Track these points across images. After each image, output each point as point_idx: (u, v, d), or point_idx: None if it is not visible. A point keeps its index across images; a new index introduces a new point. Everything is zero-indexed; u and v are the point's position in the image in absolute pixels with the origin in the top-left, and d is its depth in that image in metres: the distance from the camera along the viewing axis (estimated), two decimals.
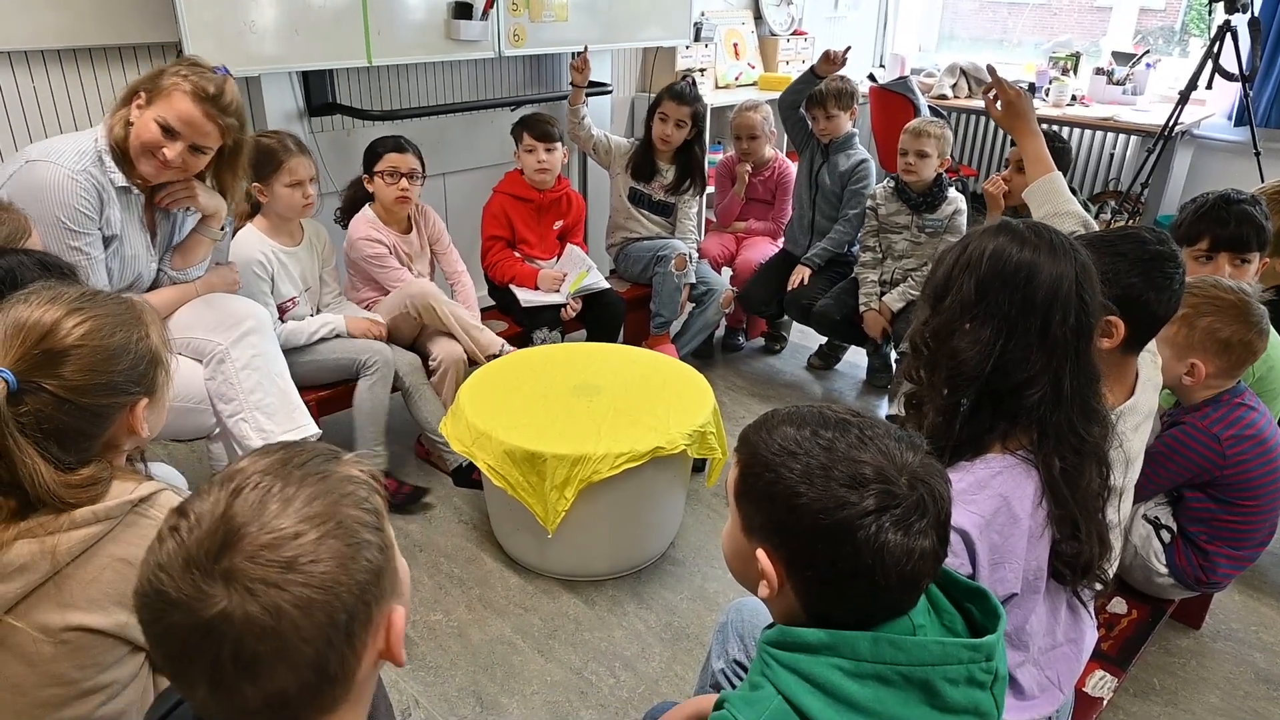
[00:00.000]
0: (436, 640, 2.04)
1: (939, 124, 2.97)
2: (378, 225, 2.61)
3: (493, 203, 3.00)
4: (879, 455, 0.86)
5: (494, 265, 2.98)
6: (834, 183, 3.24)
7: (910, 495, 0.85)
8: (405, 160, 2.55)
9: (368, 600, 0.71)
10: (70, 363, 1.06)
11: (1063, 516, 1.20)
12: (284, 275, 2.41)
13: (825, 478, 0.85)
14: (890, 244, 3.10)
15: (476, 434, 2.12)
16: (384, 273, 2.63)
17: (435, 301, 2.55)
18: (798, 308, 3.18)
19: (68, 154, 1.82)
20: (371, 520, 0.73)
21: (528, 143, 2.90)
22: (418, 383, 2.53)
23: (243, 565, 0.67)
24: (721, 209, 3.60)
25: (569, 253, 3.09)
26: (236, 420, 1.99)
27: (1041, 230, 1.21)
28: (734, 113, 3.40)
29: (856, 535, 0.83)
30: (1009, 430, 1.21)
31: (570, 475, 2.02)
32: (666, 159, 3.27)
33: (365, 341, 2.46)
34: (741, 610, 1.43)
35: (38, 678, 1.05)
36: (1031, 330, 1.17)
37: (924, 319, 1.26)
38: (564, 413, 2.19)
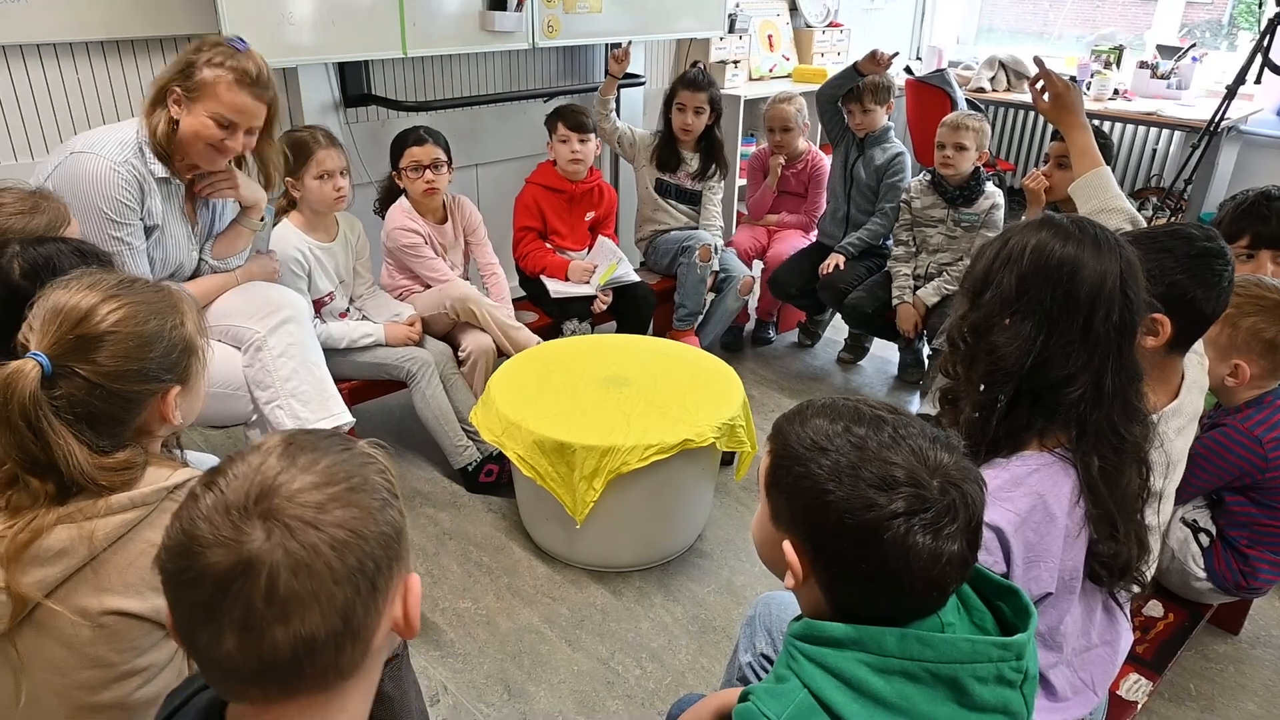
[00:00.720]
0: (465, 628, 2.05)
1: (977, 117, 2.93)
2: (413, 215, 2.63)
3: (525, 193, 3.00)
4: (911, 456, 0.84)
5: (525, 256, 2.99)
6: (869, 176, 3.21)
7: (941, 499, 0.83)
8: (426, 152, 2.55)
9: (391, 556, 0.72)
10: (104, 349, 1.07)
11: (1100, 516, 1.18)
12: (320, 270, 2.43)
13: (854, 477, 0.83)
14: (925, 238, 3.06)
15: (507, 424, 2.12)
16: (419, 262, 2.64)
17: (476, 305, 2.57)
18: (832, 291, 3.15)
19: (110, 145, 1.84)
20: (391, 486, 0.76)
21: (562, 133, 2.90)
22: (448, 373, 2.55)
23: (281, 505, 0.69)
24: (753, 202, 3.57)
25: (600, 244, 3.09)
26: (272, 407, 2.01)
27: (1086, 225, 1.19)
28: (768, 105, 3.38)
29: (883, 537, 0.82)
30: (1047, 427, 1.19)
31: (599, 466, 2.02)
32: (690, 147, 3.26)
33: (404, 349, 2.49)
34: (770, 604, 1.42)
35: (77, 660, 1.07)
36: (1073, 327, 1.15)
37: (962, 313, 1.24)
38: (593, 404, 2.19)
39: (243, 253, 2.13)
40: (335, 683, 0.71)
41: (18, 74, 2.39)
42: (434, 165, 2.56)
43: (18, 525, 1.03)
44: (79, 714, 1.09)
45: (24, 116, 2.44)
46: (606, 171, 3.70)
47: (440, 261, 2.67)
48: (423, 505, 2.50)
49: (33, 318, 1.08)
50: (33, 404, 1.01)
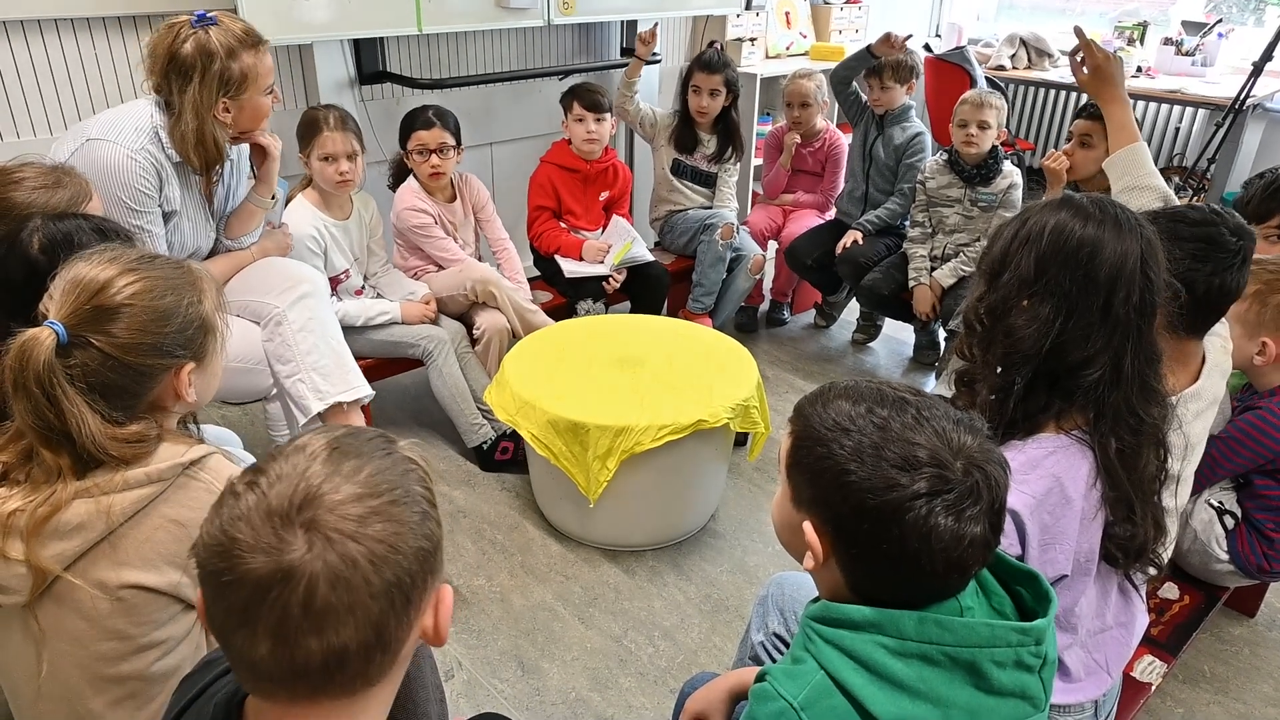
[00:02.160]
0: (479, 605, 2.07)
1: (996, 95, 2.88)
2: (422, 195, 2.63)
3: (539, 173, 2.99)
4: (934, 437, 0.84)
5: (540, 235, 2.98)
6: (888, 155, 3.18)
7: (964, 480, 0.83)
8: (434, 136, 2.54)
9: (427, 570, 0.73)
10: (120, 320, 1.08)
11: (1117, 498, 1.17)
12: (335, 248, 2.43)
13: (876, 457, 0.83)
14: (941, 218, 3.03)
15: (521, 403, 2.13)
16: (429, 242, 2.64)
17: (496, 288, 2.58)
18: (851, 265, 3.12)
19: (126, 131, 1.84)
20: (430, 497, 0.76)
21: (577, 112, 2.88)
22: (461, 352, 2.56)
23: (324, 516, 0.69)
24: (768, 181, 3.54)
25: (614, 224, 3.08)
26: (294, 381, 2.02)
27: (1106, 205, 1.17)
28: (787, 80, 3.34)
29: (904, 518, 0.81)
30: (1064, 409, 1.18)
31: (613, 446, 2.02)
32: (707, 129, 3.23)
33: (420, 327, 2.50)
34: (782, 584, 1.43)
35: (97, 632, 1.08)
36: (1093, 309, 1.13)
37: (979, 294, 1.23)
38: (607, 384, 2.19)
39: (255, 231, 2.13)
40: (361, 689, 0.72)
41: (35, 49, 2.39)
42: (440, 150, 2.55)
43: (37, 499, 1.04)
44: (99, 684, 1.11)
45: (41, 92, 2.44)
46: (621, 150, 3.68)
47: (450, 241, 2.67)
48: (437, 483, 2.47)
49: (54, 288, 1.09)
50: (47, 371, 1.02)
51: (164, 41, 1.84)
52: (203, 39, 1.83)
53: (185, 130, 1.85)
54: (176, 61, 1.83)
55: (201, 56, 1.82)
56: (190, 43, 1.82)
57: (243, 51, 1.86)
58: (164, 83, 1.86)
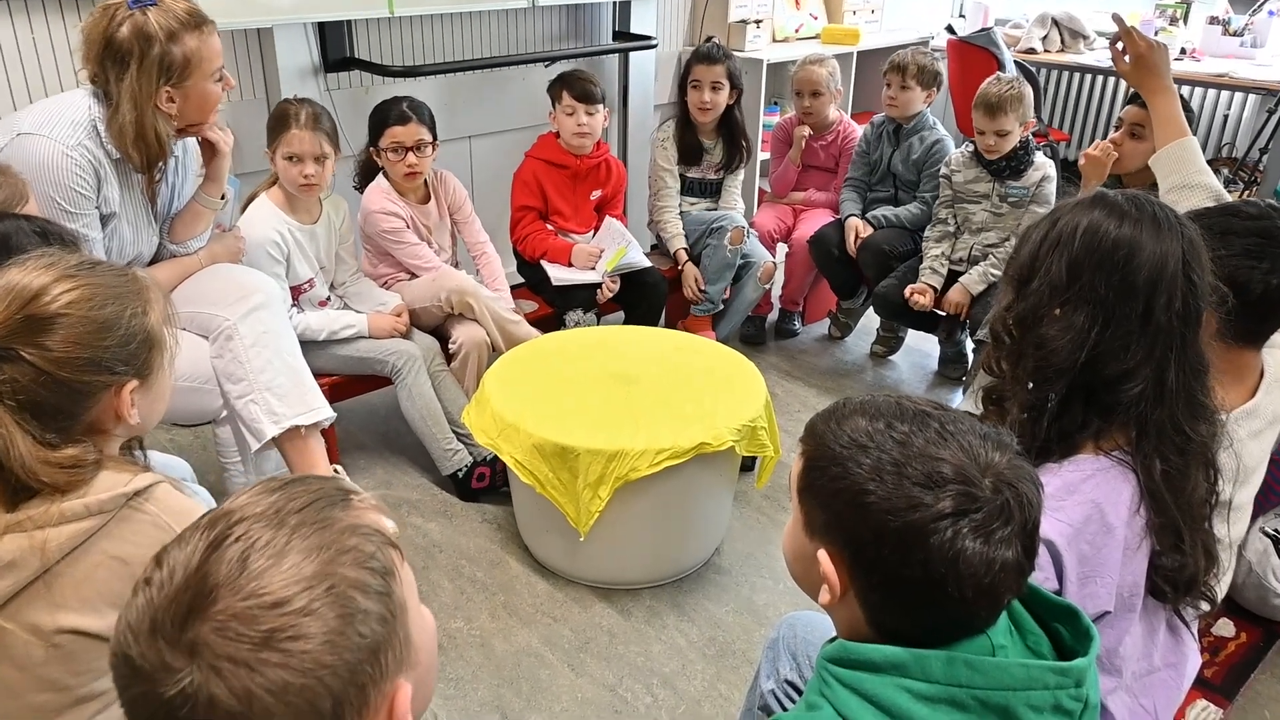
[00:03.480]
0: (457, 650, 2.06)
1: (1014, 83, 2.90)
2: (392, 196, 2.63)
3: (524, 169, 3.01)
4: (960, 453, 0.85)
5: (524, 239, 2.99)
6: (908, 169, 3.23)
7: (994, 499, 0.83)
8: (410, 132, 2.55)
9: (361, 683, 0.67)
10: (54, 332, 1.08)
11: (1163, 525, 1.17)
12: (300, 255, 2.44)
13: (898, 475, 0.84)
14: (967, 215, 3.05)
15: (503, 425, 2.13)
16: (401, 248, 2.65)
17: (475, 298, 2.58)
18: (873, 252, 3.14)
19: (61, 125, 1.84)
20: (376, 584, 0.70)
21: (567, 103, 2.89)
22: (436, 369, 2.56)
23: (210, 638, 0.64)
24: (776, 177, 3.56)
25: (607, 226, 3.09)
26: (245, 402, 2.02)
27: (1143, 202, 1.18)
28: (796, 66, 3.37)
29: (929, 540, 0.82)
30: (1103, 428, 1.18)
31: (605, 472, 2.02)
32: (709, 133, 3.26)
33: (389, 341, 2.50)
34: (795, 625, 1.42)
35: (30, 682, 1.08)
36: (1132, 316, 1.14)
37: (1006, 303, 1.24)
38: (599, 403, 2.19)
39: (204, 234, 2.13)
40: None
41: None
42: (417, 147, 2.56)
43: None
44: None
45: None
46: (615, 145, 3.70)
47: (425, 248, 2.68)
48: (410, 514, 2.51)
49: None
50: None
51: (98, 25, 1.84)
52: (140, 21, 1.83)
53: (123, 123, 1.86)
54: (112, 47, 1.83)
55: (139, 41, 1.83)
56: (126, 26, 1.83)
57: (185, 34, 1.86)
58: (100, 71, 1.86)
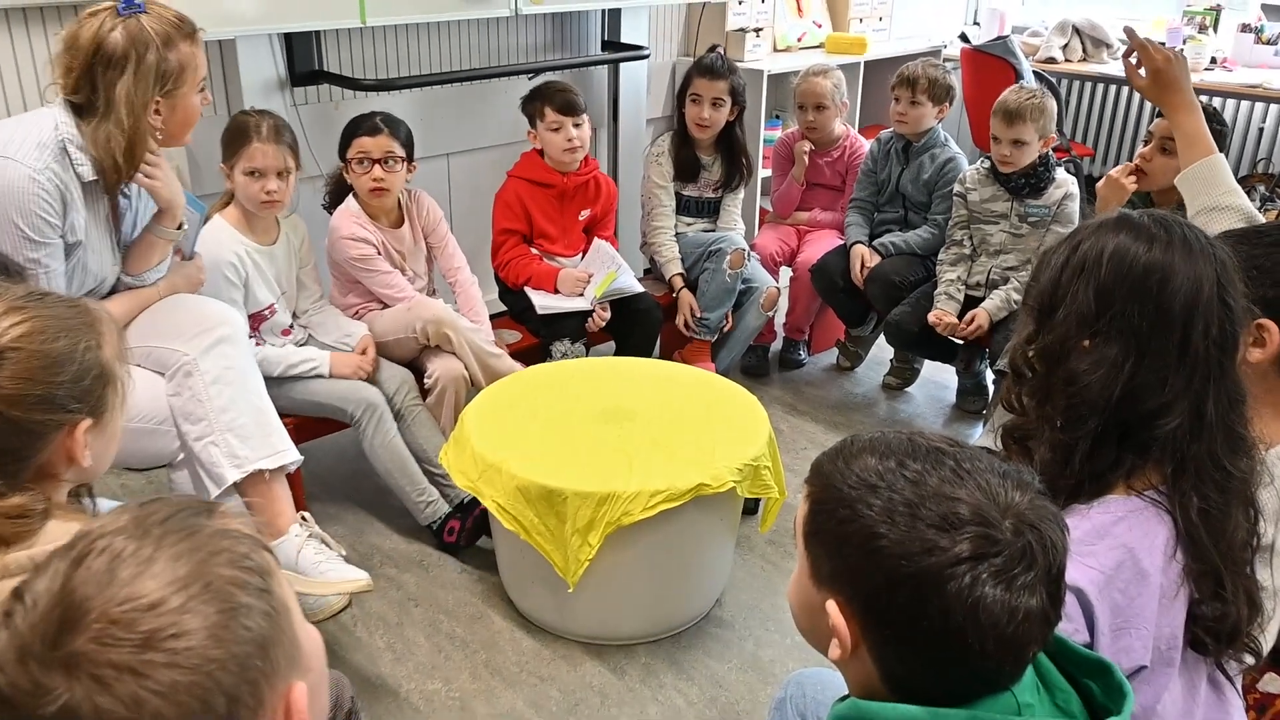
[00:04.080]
0: (435, 714, 2.04)
1: (1036, 94, 2.94)
2: (362, 220, 2.64)
3: (506, 190, 3.02)
4: (978, 492, 0.86)
5: (506, 264, 3.00)
6: (918, 190, 3.26)
7: (1015, 542, 0.84)
8: (378, 144, 2.57)
9: (253, 678, 0.70)
10: (3, 368, 1.08)
11: (1203, 571, 1.18)
12: (259, 279, 2.45)
13: (911, 516, 0.85)
14: (985, 237, 3.07)
15: (483, 467, 2.13)
16: (372, 277, 2.65)
17: (452, 329, 2.59)
18: (882, 284, 3.16)
19: (27, 147, 1.85)
20: (254, 581, 0.73)
21: (551, 119, 2.90)
22: (409, 405, 2.55)
23: (88, 649, 0.66)
24: (778, 196, 3.59)
25: (595, 249, 3.11)
26: (205, 444, 2.02)
27: (1170, 224, 1.20)
28: (799, 78, 3.41)
29: (946, 587, 0.82)
30: (1136, 466, 1.19)
31: (596, 517, 2.02)
32: (708, 149, 3.29)
33: (350, 385, 2.47)
34: (803, 684, 1.42)
35: None
36: (1168, 347, 1.16)
37: (1027, 335, 1.25)
38: (589, 442, 2.20)
39: (160, 265, 2.14)
40: None
41: None
42: (385, 160, 2.58)
43: None
44: None
45: None
46: (604, 162, 3.73)
47: (398, 276, 2.68)
48: (383, 565, 2.49)
49: None
50: None
51: (87, 30, 1.88)
52: (134, 26, 1.88)
53: (112, 132, 1.88)
54: (104, 52, 1.86)
55: (135, 45, 1.87)
56: (120, 30, 1.87)
57: (179, 40, 1.91)
58: (84, 79, 1.89)
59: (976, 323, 2.97)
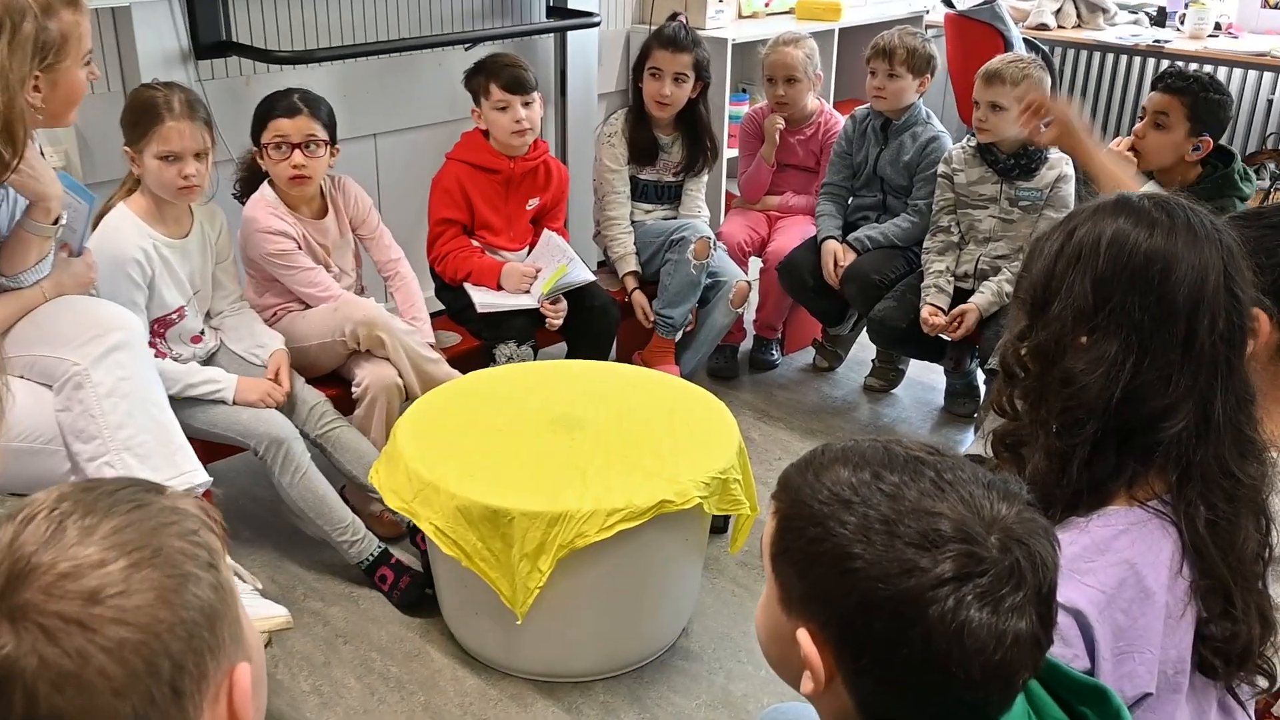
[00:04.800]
0: None
1: (1025, 63, 2.97)
2: (280, 211, 2.61)
3: (444, 175, 3.01)
4: (961, 506, 0.86)
5: (444, 257, 2.99)
6: (898, 173, 3.28)
7: (1002, 560, 0.85)
8: (297, 126, 2.54)
9: (198, 648, 0.74)
10: None
11: (1211, 587, 1.19)
12: (168, 277, 2.41)
13: (888, 534, 0.85)
14: (973, 223, 3.10)
15: (419, 485, 2.11)
16: (292, 274, 2.62)
17: (387, 332, 2.56)
18: (860, 283, 3.18)
19: None
20: (203, 556, 0.77)
21: (497, 97, 2.89)
22: (327, 431, 2.52)
23: (36, 599, 0.70)
24: (746, 178, 3.60)
25: (544, 241, 3.10)
26: (99, 465, 1.99)
27: (1172, 206, 1.22)
28: (767, 48, 3.43)
29: (927, 611, 0.83)
30: (1138, 473, 1.20)
31: (546, 540, 2.01)
32: (667, 129, 3.30)
33: (255, 415, 2.41)
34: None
35: None
36: (1172, 342, 1.17)
37: (1018, 330, 1.26)
38: (537, 456, 2.19)
39: (40, 265, 2.09)
40: None
41: None
42: (306, 145, 2.55)
43: None
44: None
45: None
46: (553, 142, 3.72)
47: (322, 272, 2.66)
48: (307, 598, 2.47)
49: None
50: None
51: None
52: None
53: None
54: None
55: (10, 13, 1.82)
56: None
57: (61, 8, 1.88)
58: None
59: (965, 323, 2.99)
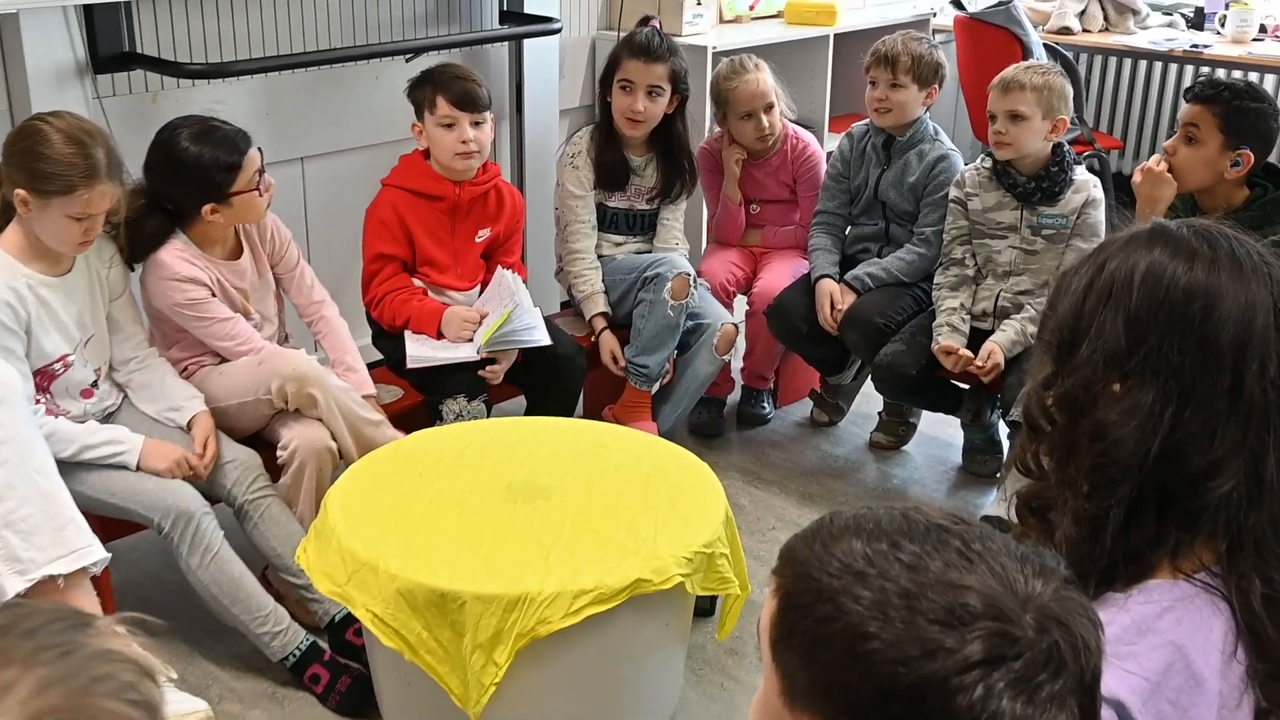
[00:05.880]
0: None
1: (1042, 69, 3.02)
2: (189, 254, 2.60)
3: (380, 204, 3.01)
4: (991, 579, 0.87)
5: (381, 300, 2.98)
6: (902, 197, 3.30)
7: (1038, 641, 0.85)
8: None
9: None
10: None
11: (1270, 673, 1.20)
12: (47, 321, 2.40)
13: (909, 610, 0.85)
14: (990, 255, 3.13)
15: (355, 566, 2.10)
16: (205, 326, 2.61)
17: (320, 388, 2.56)
18: (862, 328, 3.19)
19: None
20: (139, 717, 0.75)
21: (443, 113, 2.90)
22: (256, 498, 2.51)
23: None
24: (718, 223, 3.61)
25: (498, 281, 3.08)
26: None
27: (1214, 236, 1.23)
28: (725, 82, 3.39)
29: (954, 700, 0.83)
30: (1183, 541, 1.21)
31: (503, 628, 2.00)
32: (640, 149, 3.32)
33: (160, 486, 2.40)
34: None
35: None
36: (1217, 390, 1.18)
37: (1043, 377, 1.27)
38: (493, 529, 2.19)
39: None
40: None
41: None
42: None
43: None
44: None
45: None
46: (507, 166, 3.74)
47: (241, 322, 2.65)
48: (223, 700, 2.44)
49: None
50: None
51: None
52: None
53: None
54: None
55: None
56: None
57: None
58: None
59: (994, 359, 2.99)
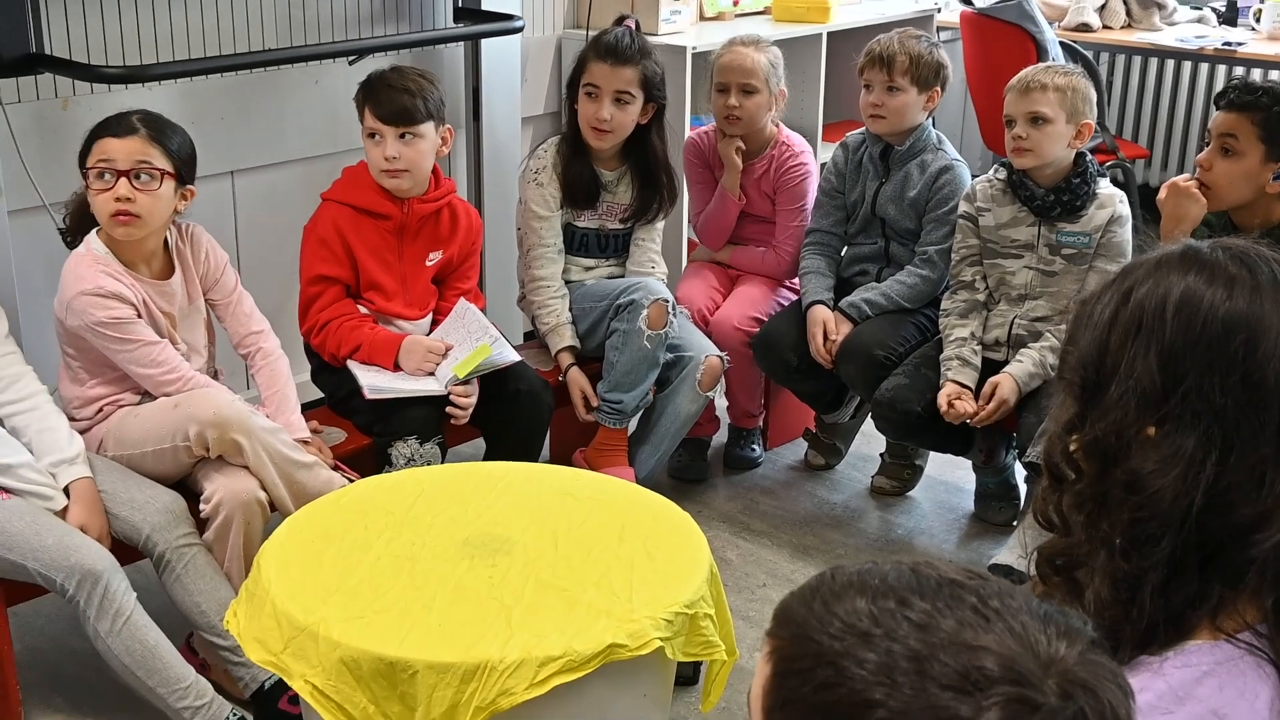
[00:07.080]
0: None
1: (1065, 71, 3.04)
2: (111, 267, 2.60)
3: (320, 220, 3.02)
4: (1010, 640, 0.86)
5: (322, 327, 2.98)
6: (903, 212, 3.31)
7: (1063, 709, 0.85)
8: (127, 148, 2.55)
9: None
10: None
11: None
12: None
13: (918, 674, 0.85)
14: (1003, 277, 3.15)
15: (292, 632, 2.09)
16: (128, 351, 2.60)
17: (245, 434, 2.55)
18: (860, 361, 3.20)
19: None
20: None
21: (369, 125, 2.92)
22: (180, 546, 2.50)
23: None
24: (706, 219, 3.61)
25: (460, 314, 3.09)
26: None
27: (1252, 257, 1.24)
28: (720, 49, 3.44)
29: None
30: (1226, 598, 1.21)
31: (460, 700, 1.99)
32: (610, 162, 3.33)
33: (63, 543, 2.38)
34: None
35: None
36: (1264, 432, 1.19)
37: (1066, 420, 1.28)
38: (448, 589, 2.18)
39: None
40: None
41: None
42: (135, 173, 2.55)
43: None
44: None
45: None
46: (463, 182, 3.74)
47: (167, 348, 2.65)
48: None
49: None
50: None
51: None
52: None
53: None
54: None
55: None
56: None
57: None
58: None
59: (999, 397, 2.99)
